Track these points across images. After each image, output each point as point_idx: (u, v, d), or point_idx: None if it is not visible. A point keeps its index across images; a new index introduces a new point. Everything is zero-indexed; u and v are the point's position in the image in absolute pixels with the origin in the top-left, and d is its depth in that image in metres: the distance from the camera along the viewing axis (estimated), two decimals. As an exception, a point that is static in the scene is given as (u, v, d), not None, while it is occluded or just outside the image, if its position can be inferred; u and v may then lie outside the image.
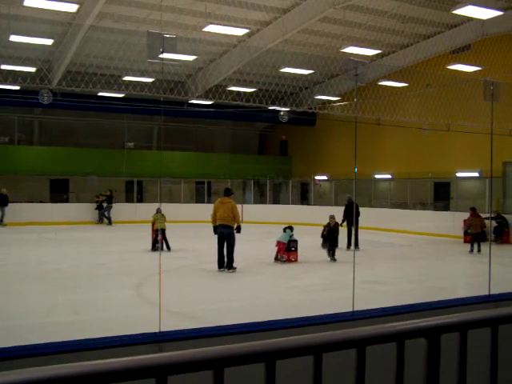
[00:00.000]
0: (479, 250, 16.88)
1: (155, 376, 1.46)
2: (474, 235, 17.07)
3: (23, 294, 10.01)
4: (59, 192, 29.39)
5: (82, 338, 3.59)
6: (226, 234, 12.76)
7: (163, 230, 16.21)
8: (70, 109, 27.69)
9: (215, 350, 1.50)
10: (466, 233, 18.02)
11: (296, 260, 14.64)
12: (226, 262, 12.83)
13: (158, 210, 17.07)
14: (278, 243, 14.50)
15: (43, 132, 31.97)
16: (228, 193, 13.46)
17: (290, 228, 15.06)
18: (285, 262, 14.40)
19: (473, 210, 17.76)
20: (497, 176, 21.61)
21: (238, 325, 2.81)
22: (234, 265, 12.81)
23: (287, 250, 14.59)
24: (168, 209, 18.07)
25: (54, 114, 29.90)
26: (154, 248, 16.58)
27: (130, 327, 7.37)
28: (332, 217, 15.58)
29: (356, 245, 17.06)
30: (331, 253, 14.78)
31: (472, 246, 17.06)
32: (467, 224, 17.69)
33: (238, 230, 12.96)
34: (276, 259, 14.50)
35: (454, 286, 12.33)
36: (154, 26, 19.53)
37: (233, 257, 12.80)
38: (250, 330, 2.70)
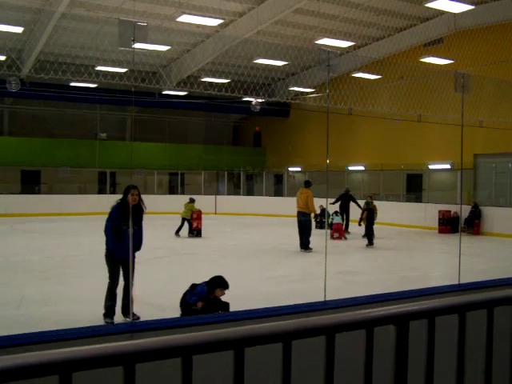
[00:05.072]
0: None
1: (122, 364, 1.44)
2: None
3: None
4: (31, 183, 28.94)
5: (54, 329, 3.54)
6: (302, 221, 14.57)
7: (184, 219, 18.18)
8: (41, 99, 27.22)
9: (183, 337, 1.49)
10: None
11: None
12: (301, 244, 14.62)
13: (191, 200, 18.57)
14: (337, 225, 16.88)
15: (14, 122, 31.42)
16: (307, 185, 15.27)
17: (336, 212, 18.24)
18: (346, 238, 17.25)
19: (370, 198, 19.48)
20: (468, 168, 21.90)
21: (209, 315, 2.80)
22: (310, 246, 14.44)
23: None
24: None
25: (24, 104, 29.39)
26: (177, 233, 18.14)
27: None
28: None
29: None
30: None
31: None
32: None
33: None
34: (332, 237, 17.28)
35: (426, 277, 12.49)
36: (127, 15, 19.26)
37: (308, 239, 14.47)
38: (220, 321, 2.70)
